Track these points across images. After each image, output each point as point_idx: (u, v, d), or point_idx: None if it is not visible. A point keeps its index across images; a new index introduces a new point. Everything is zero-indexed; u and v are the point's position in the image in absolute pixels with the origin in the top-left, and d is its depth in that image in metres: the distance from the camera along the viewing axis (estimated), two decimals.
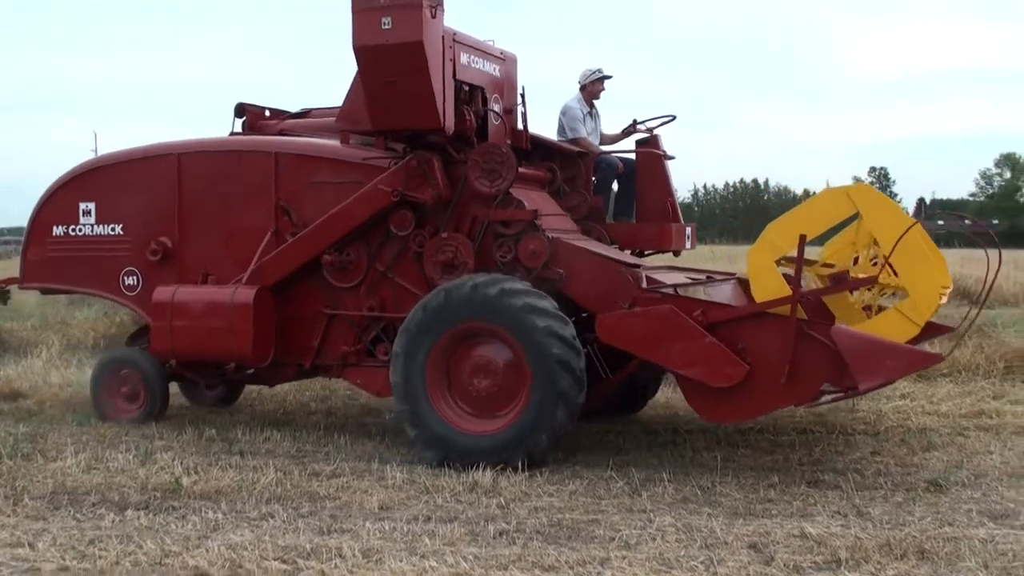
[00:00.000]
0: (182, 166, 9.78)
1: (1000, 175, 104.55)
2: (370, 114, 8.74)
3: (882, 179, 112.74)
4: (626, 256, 9.05)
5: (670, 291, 8.09)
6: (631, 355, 8.39)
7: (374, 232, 9.07)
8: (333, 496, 7.37)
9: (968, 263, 16.32)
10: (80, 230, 10.18)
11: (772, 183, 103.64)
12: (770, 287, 7.77)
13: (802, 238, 7.51)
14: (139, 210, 9.97)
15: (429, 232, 8.86)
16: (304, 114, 10.85)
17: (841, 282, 7.96)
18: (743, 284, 9.44)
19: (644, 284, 8.10)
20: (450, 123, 8.65)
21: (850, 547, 5.97)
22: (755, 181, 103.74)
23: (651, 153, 9.91)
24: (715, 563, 5.79)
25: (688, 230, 10.03)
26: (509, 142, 9.23)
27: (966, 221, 14.29)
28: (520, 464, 7.88)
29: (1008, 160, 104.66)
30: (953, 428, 9.55)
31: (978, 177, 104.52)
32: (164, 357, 9.75)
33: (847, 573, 5.63)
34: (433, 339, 8.21)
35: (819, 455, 8.55)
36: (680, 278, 8.86)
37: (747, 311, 7.76)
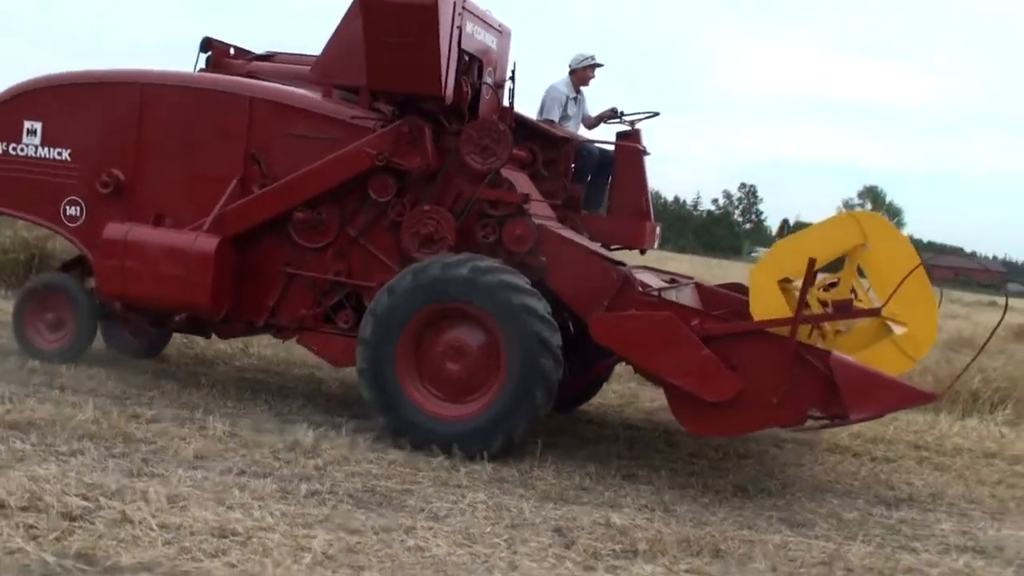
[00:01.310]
0: (145, 97, 9.15)
1: (862, 206, 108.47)
2: (368, 71, 8.38)
3: (751, 196, 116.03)
4: (609, 253, 8.79)
5: (656, 295, 7.96)
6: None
7: (350, 195, 8.64)
8: (149, 440, 7.25)
9: None
10: (22, 150, 9.42)
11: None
12: (770, 306, 7.72)
13: (811, 262, 7.39)
14: (91, 138, 9.29)
15: (409, 202, 8.50)
16: (269, 57, 10.28)
17: (845, 310, 7.80)
18: (700, 289, 9.42)
19: (639, 287, 7.92)
20: (450, 92, 8.40)
21: (650, 539, 6.14)
22: None
23: (632, 148, 9.63)
24: (517, 542, 5.89)
25: (658, 229, 9.96)
26: (493, 117, 8.85)
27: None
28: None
29: (871, 193, 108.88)
30: (771, 439, 9.85)
31: (841, 205, 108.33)
32: (110, 298, 9.16)
33: (643, 564, 5.79)
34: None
35: (639, 451, 8.74)
36: (656, 280, 8.71)
37: (746, 327, 7.62)
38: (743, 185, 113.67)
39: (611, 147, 9.80)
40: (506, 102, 9.14)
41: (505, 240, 8.27)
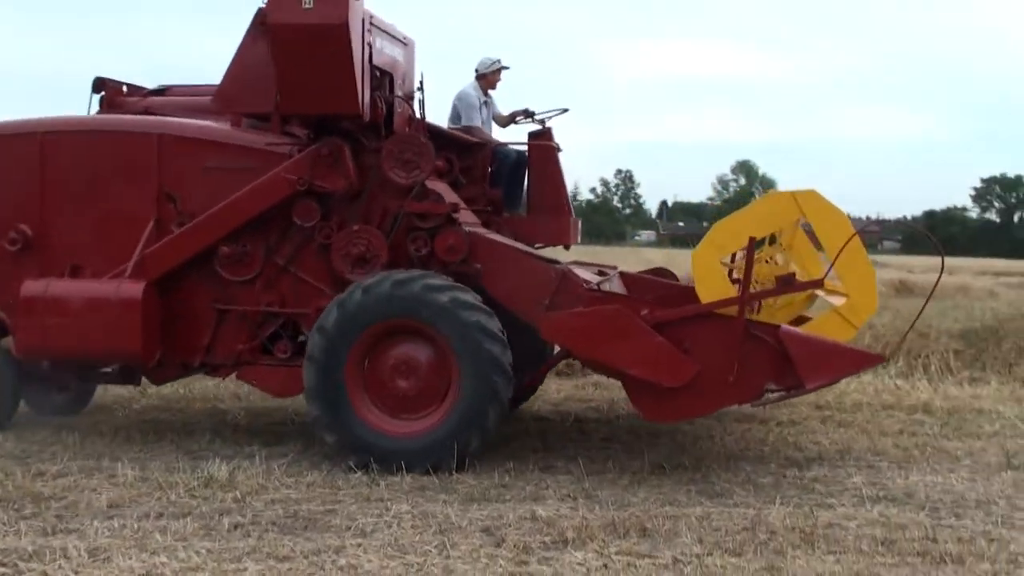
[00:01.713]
0: (45, 147, 8.80)
1: (736, 181, 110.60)
2: (281, 96, 8.25)
3: (627, 181, 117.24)
4: (541, 252, 8.79)
5: (597, 289, 7.98)
6: None
7: (273, 223, 8.48)
8: (59, 496, 7.06)
9: None
10: None
11: None
12: (715, 287, 7.79)
13: (751, 240, 7.52)
14: None
15: (336, 224, 8.38)
16: (162, 91, 9.96)
17: (788, 284, 7.95)
18: (625, 277, 9.48)
19: (583, 283, 7.95)
20: (367, 109, 8.27)
21: (577, 527, 6.23)
22: None
23: (546, 146, 9.68)
24: (448, 547, 5.92)
25: (579, 224, 10.01)
26: (407, 130, 8.75)
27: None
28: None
29: (743, 167, 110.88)
30: None
31: (715, 182, 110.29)
32: (34, 358, 8.76)
33: (573, 552, 5.87)
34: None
35: (553, 442, 8.84)
36: (588, 273, 8.67)
37: (695, 311, 7.69)
38: (619, 171, 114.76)
39: (522, 147, 9.85)
40: (417, 113, 9.01)
41: (438, 251, 8.23)
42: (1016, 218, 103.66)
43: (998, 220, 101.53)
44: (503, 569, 5.59)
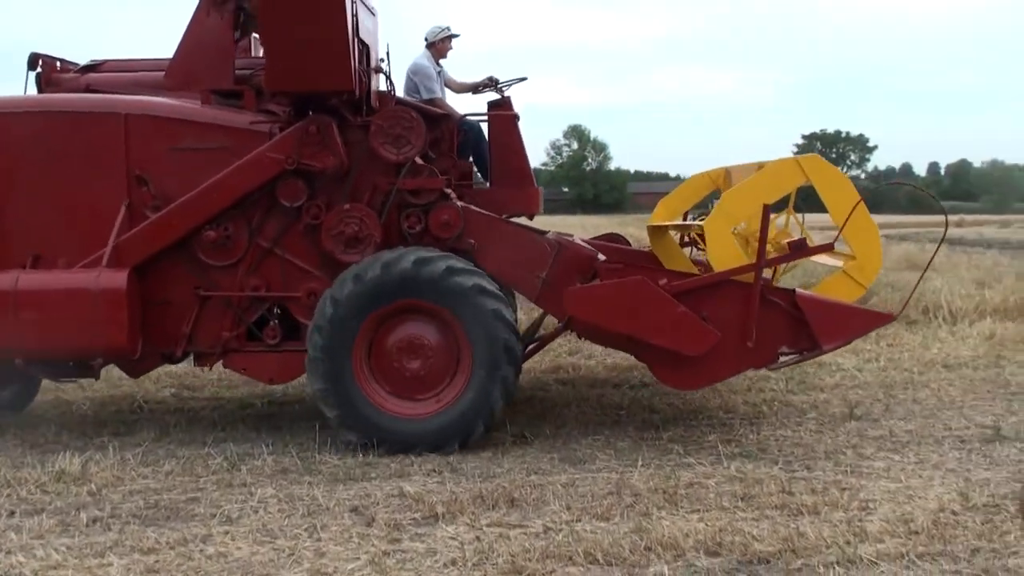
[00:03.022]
0: None
1: (568, 145, 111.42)
2: (269, 72, 7.79)
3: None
4: (533, 224, 8.65)
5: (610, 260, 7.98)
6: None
7: (255, 205, 8.13)
8: None
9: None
10: None
11: None
12: (728, 255, 7.89)
13: (766, 208, 7.59)
14: None
15: (323, 203, 8.08)
16: (96, 67, 9.26)
17: (801, 249, 7.97)
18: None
19: (598, 255, 7.94)
20: (357, 85, 7.94)
21: (446, 502, 6.26)
22: None
23: (507, 116, 9.40)
24: (318, 529, 5.88)
25: (541, 193, 9.85)
26: (376, 104, 8.50)
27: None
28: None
29: (576, 132, 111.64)
30: (535, 384, 10.16)
31: (548, 147, 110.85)
32: (7, 356, 8.05)
33: (445, 526, 5.91)
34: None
35: None
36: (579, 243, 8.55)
37: (712, 279, 7.75)
38: None
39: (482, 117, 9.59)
40: (385, 86, 8.82)
41: (432, 227, 8.09)
42: None
43: None
44: (376, 548, 5.57)
